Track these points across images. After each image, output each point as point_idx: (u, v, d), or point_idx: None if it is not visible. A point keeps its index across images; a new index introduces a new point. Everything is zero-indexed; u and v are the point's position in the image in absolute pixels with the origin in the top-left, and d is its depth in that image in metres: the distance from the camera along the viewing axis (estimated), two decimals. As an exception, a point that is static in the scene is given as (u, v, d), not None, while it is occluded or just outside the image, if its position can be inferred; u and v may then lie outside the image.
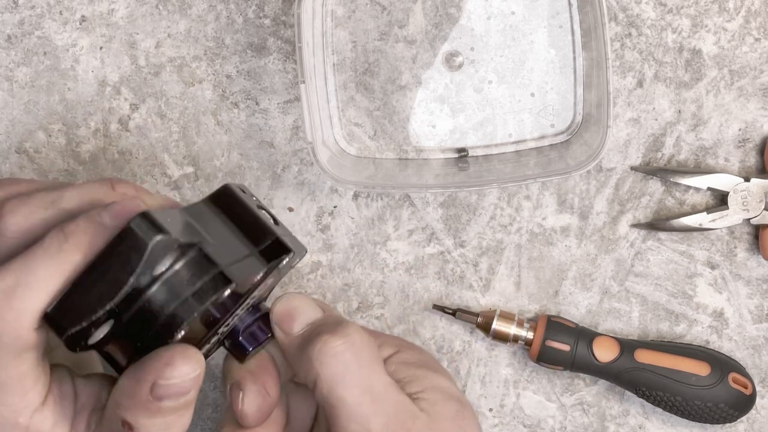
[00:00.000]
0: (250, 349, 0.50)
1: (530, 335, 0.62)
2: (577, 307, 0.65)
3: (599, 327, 0.65)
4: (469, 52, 0.63)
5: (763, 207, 0.63)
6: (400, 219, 0.64)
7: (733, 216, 0.63)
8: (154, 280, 0.44)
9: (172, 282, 0.44)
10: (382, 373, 0.48)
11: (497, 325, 0.62)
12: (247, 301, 0.48)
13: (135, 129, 0.64)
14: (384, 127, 0.63)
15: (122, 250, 0.43)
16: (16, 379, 0.44)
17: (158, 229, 0.43)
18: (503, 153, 0.63)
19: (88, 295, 0.43)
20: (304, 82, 0.59)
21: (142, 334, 0.44)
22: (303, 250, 0.50)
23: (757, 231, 0.64)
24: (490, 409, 0.65)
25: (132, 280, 0.43)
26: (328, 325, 0.49)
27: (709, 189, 0.63)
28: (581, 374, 0.64)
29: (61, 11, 0.63)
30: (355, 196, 0.64)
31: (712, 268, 0.65)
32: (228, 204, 0.48)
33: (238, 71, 0.63)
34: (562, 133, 0.63)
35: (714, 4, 0.63)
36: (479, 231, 0.64)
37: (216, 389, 0.66)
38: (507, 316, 0.63)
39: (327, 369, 0.47)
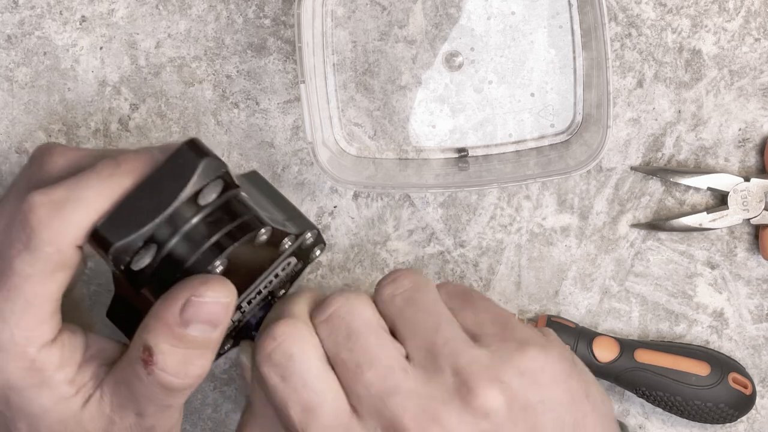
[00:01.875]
0: None
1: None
2: (577, 307, 0.65)
3: (599, 327, 0.65)
4: (469, 52, 0.63)
5: (763, 207, 0.63)
6: (400, 219, 0.64)
7: (733, 216, 0.63)
8: (199, 209, 0.44)
9: (214, 216, 0.45)
10: None
11: (497, 325, 0.62)
12: (264, 290, 0.49)
13: (135, 129, 0.64)
14: (384, 127, 0.63)
15: (172, 168, 0.44)
16: (40, 301, 0.44)
17: (208, 152, 0.44)
18: (503, 153, 0.63)
19: (136, 211, 0.43)
20: (304, 82, 0.59)
21: (180, 269, 0.44)
22: (324, 243, 0.51)
23: (757, 231, 0.64)
24: (490, 409, 0.65)
25: (182, 196, 0.43)
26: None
27: (709, 189, 0.63)
28: (581, 374, 0.64)
29: (61, 11, 0.63)
30: (355, 196, 0.64)
31: (712, 268, 0.65)
32: (258, 182, 0.50)
33: (238, 71, 0.63)
34: (562, 133, 0.63)
35: (714, 4, 0.63)
36: (479, 231, 0.64)
37: (216, 389, 0.66)
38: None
39: None
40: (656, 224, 0.64)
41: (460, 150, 0.63)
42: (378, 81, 0.63)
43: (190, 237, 0.44)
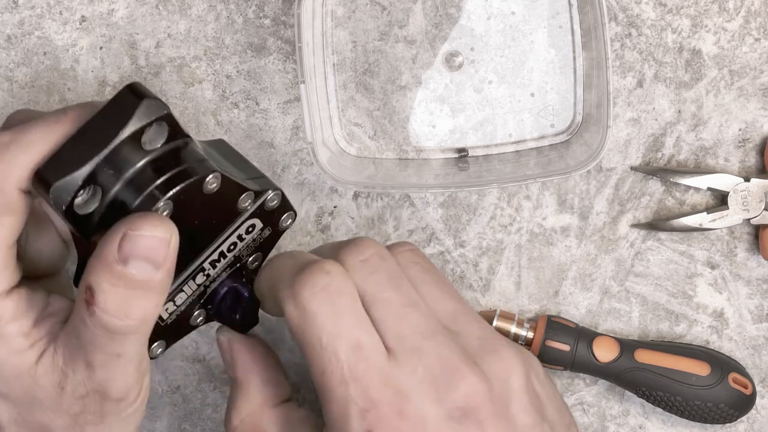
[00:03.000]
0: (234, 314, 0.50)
1: (530, 335, 0.62)
2: (577, 307, 0.65)
3: (599, 327, 0.65)
4: (469, 52, 0.63)
5: (763, 207, 0.63)
6: (400, 219, 0.64)
7: (733, 216, 0.63)
8: (144, 154, 0.44)
9: (160, 162, 0.44)
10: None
11: (497, 324, 0.62)
12: (228, 253, 0.48)
13: (135, 129, 0.64)
14: (384, 127, 0.63)
15: (113, 111, 0.44)
16: None
17: (148, 93, 0.44)
18: (503, 153, 0.63)
19: (76, 152, 0.43)
20: (304, 82, 0.59)
21: (126, 214, 0.44)
22: (294, 211, 0.50)
23: (757, 231, 0.64)
24: (490, 409, 0.65)
25: (121, 135, 0.43)
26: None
27: (709, 189, 0.63)
28: (581, 374, 0.64)
29: (61, 11, 0.63)
30: (355, 196, 0.64)
31: (712, 268, 0.65)
32: (223, 147, 0.50)
33: (238, 71, 0.63)
34: (562, 133, 0.63)
35: (714, 4, 0.63)
36: (479, 231, 0.64)
37: (216, 389, 0.66)
38: (507, 316, 0.63)
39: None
40: (656, 224, 0.64)
41: (460, 150, 0.63)
42: (378, 81, 0.63)
43: (134, 181, 0.44)
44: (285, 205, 0.50)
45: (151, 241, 0.43)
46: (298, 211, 0.64)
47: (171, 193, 0.44)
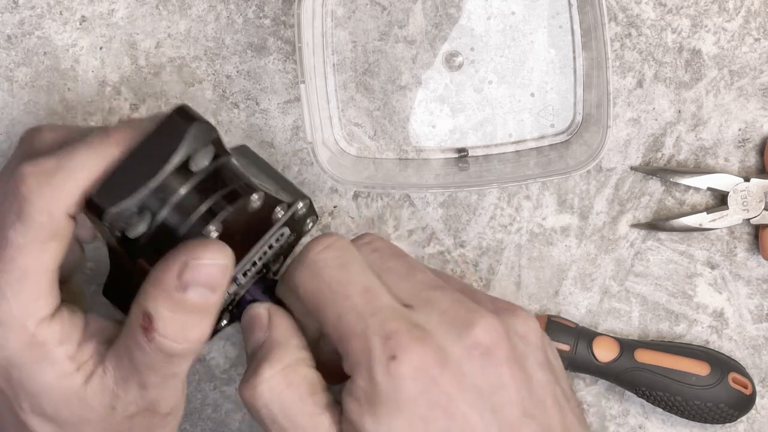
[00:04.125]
0: None
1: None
2: (577, 307, 0.65)
3: (599, 327, 0.65)
4: (469, 52, 0.63)
5: (763, 207, 0.63)
6: (400, 219, 0.64)
7: (733, 216, 0.63)
8: (191, 176, 0.45)
9: (206, 183, 0.45)
10: None
11: (497, 325, 0.62)
12: (258, 261, 0.49)
13: (135, 129, 0.64)
14: (384, 127, 0.63)
15: (162, 135, 0.44)
16: (36, 272, 0.44)
17: (197, 117, 0.44)
18: (503, 153, 0.63)
19: (128, 179, 0.44)
20: (304, 82, 0.59)
21: (176, 236, 0.45)
22: (317, 216, 0.51)
23: (757, 231, 0.64)
24: (490, 409, 0.65)
25: (173, 160, 0.43)
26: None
27: (708, 189, 0.64)
28: (581, 374, 0.64)
29: (61, 11, 0.63)
30: (355, 196, 0.64)
31: (712, 268, 0.65)
32: (249, 155, 0.51)
33: (238, 71, 0.63)
34: (562, 133, 0.63)
35: (714, 4, 0.63)
36: (479, 231, 0.65)
37: (216, 389, 0.66)
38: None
39: None
40: (656, 224, 0.64)
41: (460, 150, 0.63)
42: (378, 81, 0.63)
43: (183, 204, 0.45)
44: (311, 212, 0.51)
45: (212, 269, 0.44)
46: (298, 211, 0.64)
47: (221, 215, 0.45)
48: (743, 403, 0.62)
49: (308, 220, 0.51)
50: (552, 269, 0.65)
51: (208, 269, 0.43)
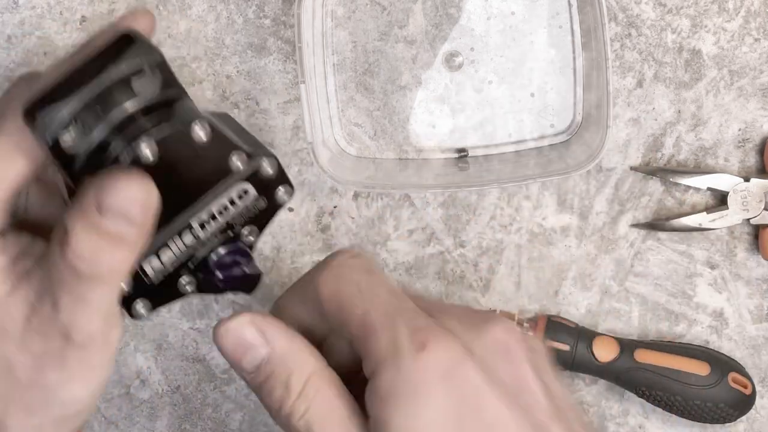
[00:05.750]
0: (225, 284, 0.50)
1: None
2: (577, 307, 0.65)
3: (599, 327, 0.65)
4: (469, 52, 0.63)
5: (762, 207, 0.63)
6: (400, 219, 0.64)
7: (732, 216, 0.63)
8: (135, 100, 0.45)
9: (150, 108, 0.45)
10: None
11: (497, 325, 0.62)
12: (219, 216, 0.48)
13: (135, 129, 0.64)
14: (384, 127, 0.63)
15: (105, 54, 0.45)
16: None
17: (140, 37, 0.45)
18: (503, 153, 0.63)
19: (64, 89, 0.44)
20: (304, 82, 0.59)
21: (110, 156, 0.45)
22: (291, 185, 0.50)
23: (756, 231, 0.64)
24: (490, 409, 0.65)
25: (111, 74, 0.44)
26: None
27: (708, 189, 0.64)
28: (581, 374, 0.64)
29: (61, 11, 0.63)
30: (355, 196, 0.64)
31: (712, 268, 0.65)
32: (226, 119, 0.50)
33: (238, 71, 0.63)
34: (562, 133, 0.63)
35: (713, 4, 0.63)
36: (479, 231, 0.65)
37: (216, 389, 0.66)
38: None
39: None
40: (656, 224, 0.64)
41: (460, 150, 0.63)
42: (378, 81, 0.63)
43: (122, 126, 0.45)
44: (281, 176, 0.49)
45: (129, 200, 0.44)
46: (298, 211, 0.64)
47: (157, 135, 0.45)
48: (743, 403, 0.62)
49: (280, 188, 0.50)
50: (552, 269, 0.65)
51: (125, 200, 0.44)
